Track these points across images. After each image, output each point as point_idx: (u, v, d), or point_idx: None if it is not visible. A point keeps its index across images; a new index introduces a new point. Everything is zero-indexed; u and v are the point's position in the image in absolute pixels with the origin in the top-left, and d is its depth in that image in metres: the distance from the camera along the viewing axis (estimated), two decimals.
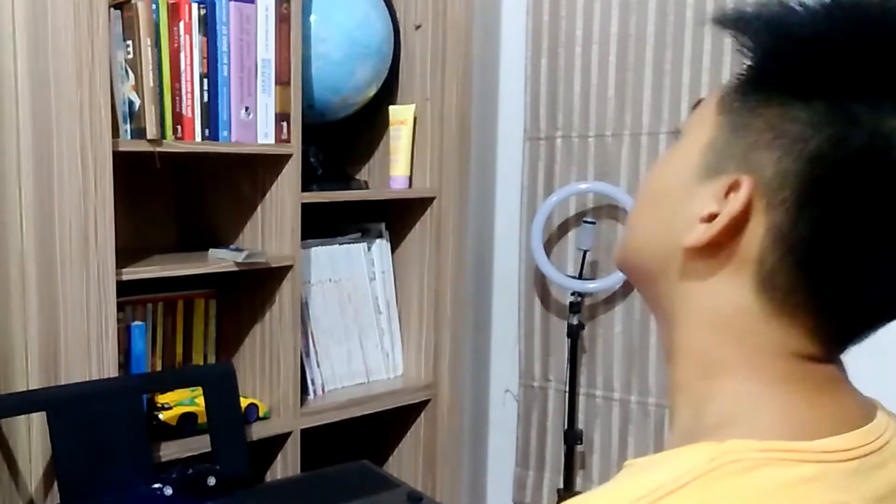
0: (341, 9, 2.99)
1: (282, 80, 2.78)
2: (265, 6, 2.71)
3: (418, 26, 3.25)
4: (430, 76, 3.25)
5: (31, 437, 2.44)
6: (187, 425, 2.69)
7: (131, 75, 2.49)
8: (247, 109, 2.72)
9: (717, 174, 1.06)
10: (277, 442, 2.90)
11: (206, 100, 2.64)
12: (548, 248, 3.86)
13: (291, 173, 2.81)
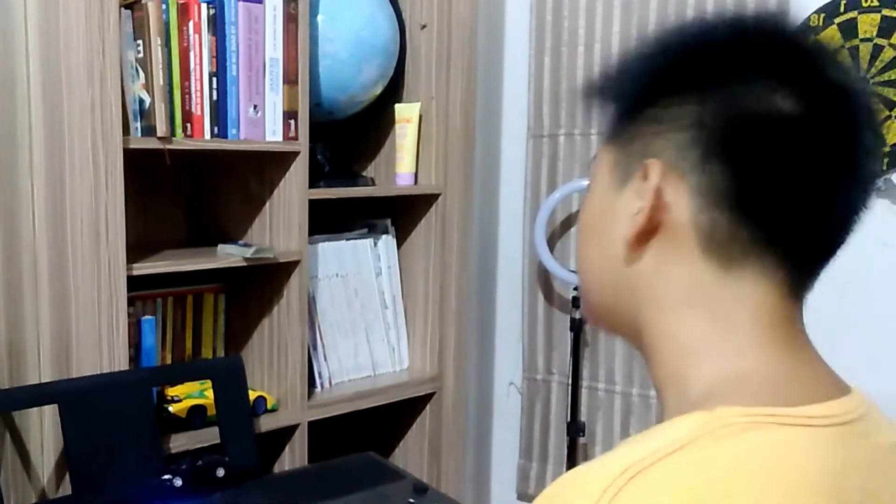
0: (348, 9, 2.99)
1: (289, 78, 2.77)
2: (273, 6, 2.71)
3: (424, 26, 3.25)
4: (435, 75, 3.25)
5: (44, 430, 2.44)
6: (196, 418, 2.69)
7: (142, 74, 2.49)
8: (255, 108, 2.72)
9: (629, 177, 1.17)
10: (285, 434, 2.90)
11: (215, 98, 2.64)
12: (551, 243, 3.85)
13: (299, 170, 2.81)
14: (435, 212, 3.29)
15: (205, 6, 2.59)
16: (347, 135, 3.39)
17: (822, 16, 3.16)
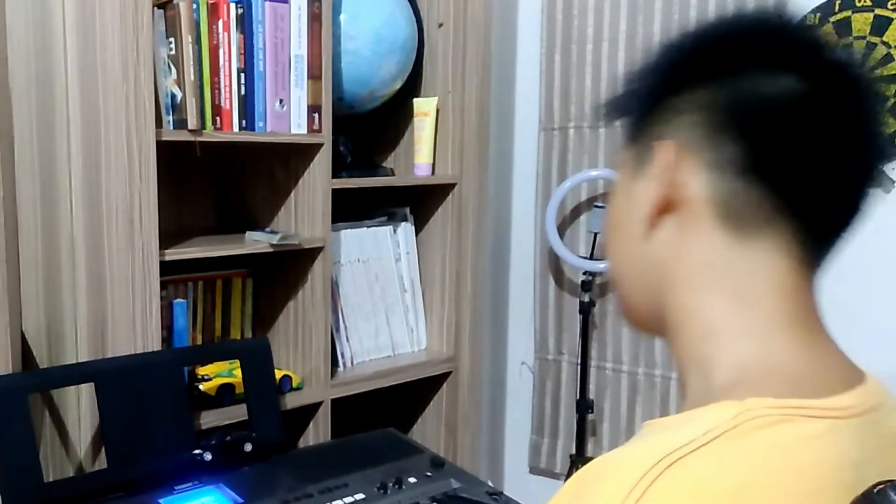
0: (369, 8, 2.98)
1: (313, 74, 2.77)
2: (298, 6, 2.71)
3: (440, 24, 3.24)
4: (451, 71, 3.25)
5: (80, 407, 2.44)
6: (225, 395, 2.69)
7: (173, 70, 2.49)
8: (281, 102, 2.72)
9: (644, 163, 1.18)
10: (309, 411, 2.90)
11: (243, 93, 2.64)
12: (561, 230, 3.84)
13: (322, 161, 2.81)
14: (451, 200, 3.29)
15: (233, 6, 2.59)
16: (368, 127, 3.38)
17: (817, 15, 3.16)
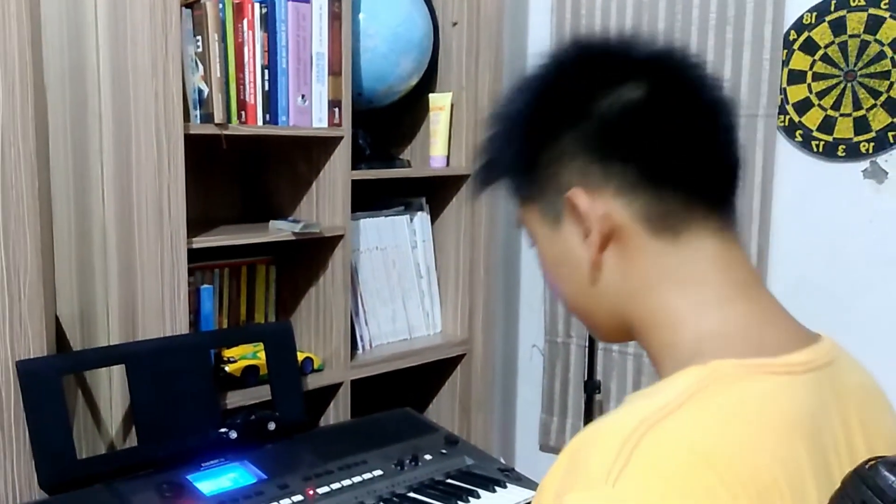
0: (387, 7, 2.98)
1: (334, 70, 2.76)
2: (319, 5, 2.71)
3: (455, 23, 3.24)
4: (465, 68, 3.25)
5: (112, 388, 2.44)
6: (250, 377, 2.69)
7: (201, 67, 2.48)
8: (303, 97, 2.72)
9: (560, 215, 1.23)
10: (330, 391, 2.90)
11: (266, 88, 2.64)
12: None
13: (342, 153, 2.80)
14: (465, 191, 3.29)
15: (258, 5, 2.59)
16: (386, 121, 3.37)
17: (814, 14, 3.17)
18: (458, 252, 3.34)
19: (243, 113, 2.60)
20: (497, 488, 2.39)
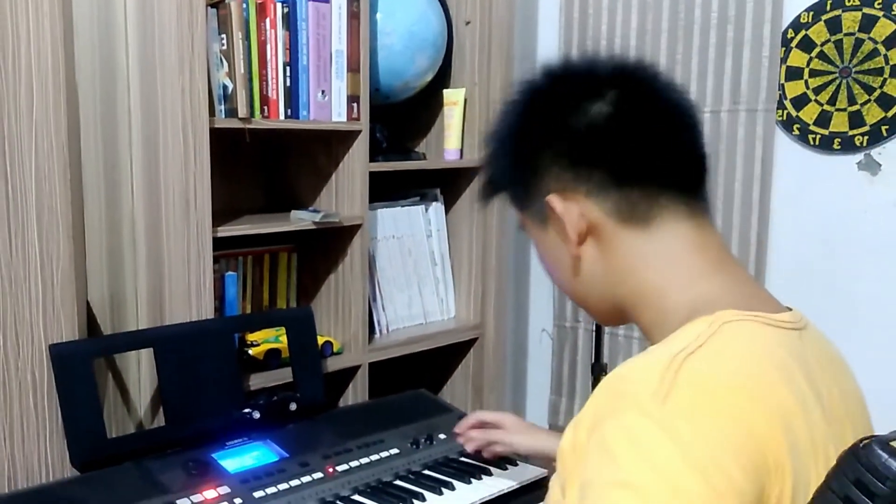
0: (403, 7, 2.97)
1: (352, 67, 2.75)
2: (338, 5, 2.70)
3: (468, 22, 3.23)
4: (477, 65, 3.24)
5: (141, 370, 2.44)
6: (272, 360, 2.68)
7: (225, 64, 2.48)
8: (323, 92, 2.71)
9: (546, 219, 1.36)
10: (349, 374, 2.89)
11: (288, 84, 2.63)
12: None
13: (360, 146, 2.79)
14: (478, 182, 3.24)
15: (279, 5, 2.58)
16: (402, 116, 3.36)
17: (811, 13, 3.17)
18: (470, 241, 3.33)
19: (266, 108, 2.59)
20: (508, 466, 2.38)
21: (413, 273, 3.22)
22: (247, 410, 2.39)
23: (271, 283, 2.94)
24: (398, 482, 2.28)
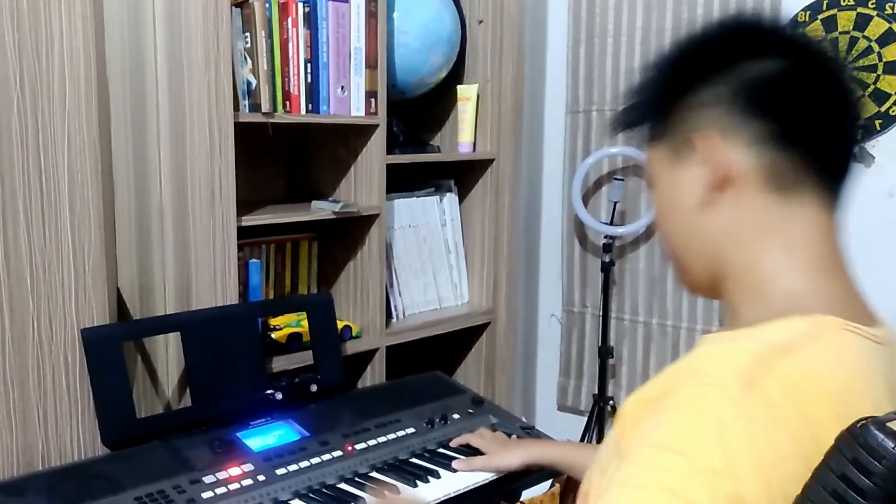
0: (418, 6, 2.96)
1: (370, 64, 2.75)
2: (357, 5, 2.69)
3: (481, 21, 3.22)
4: (490, 61, 3.23)
5: (168, 353, 2.43)
6: (294, 343, 2.68)
7: (249, 61, 2.47)
8: (342, 88, 2.70)
9: (685, 155, 1.24)
10: (367, 356, 2.89)
11: (309, 80, 2.62)
12: (585, 200, 3.82)
13: (378, 140, 2.79)
14: (490, 174, 3.27)
15: (301, 5, 2.57)
16: (418, 110, 3.36)
17: (808, 13, 3.21)
18: (483, 229, 3.32)
19: (288, 103, 2.59)
20: None
21: (428, 260, 3.21)
22: (269, 391, 2.39)
23: (293, 269, 2.94)
24: (414, 460, 2.28)
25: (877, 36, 3.07)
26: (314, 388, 2.48)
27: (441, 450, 2.34)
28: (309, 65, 2.62)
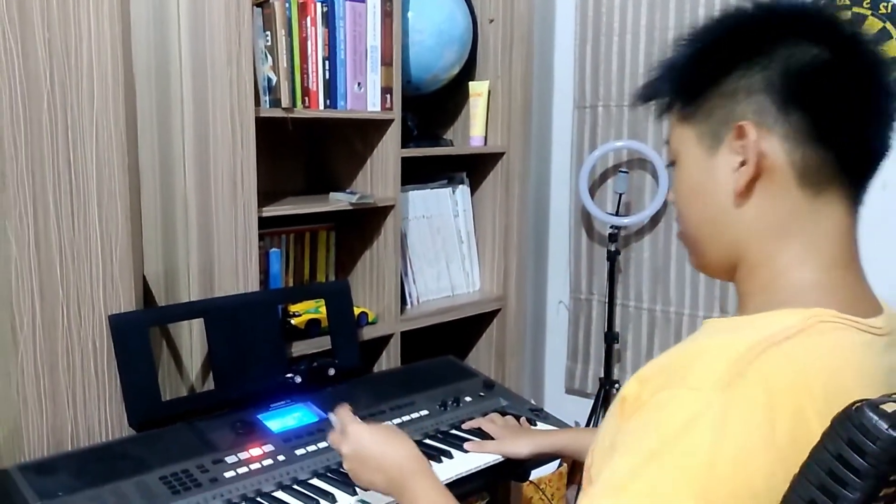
0: (432, 6, 2.95)
1: (386, 61, 2.74)
2: (373, 4, 2.68)
3: (492, 20, 3.21)
4: (500, 59, 3.22)
5: (192, 338, 2.43)
6: (313, 329, 2.67)
7: (269, 58, 2.47)
8: (359, 84, 2.69)
9: (720, 142, 1.19)
10: (382, 342, 2.88)
11: (327, 77, 2.62)
12: (592, 191, 3.82)
13: (393, 134, 2.78)
14: (500, 166, 3.26)
15: (319, 5, 2.57)
16: (431, 106, 3.35)
17: None
18: (494, 220, 3.31)
19: (307, 98, 2.58)
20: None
21: (441, 250, 3.20)
22: (289, 375, 2.38)
23: (311, 258, 2.93)
24: (427, 440, 2.27)
25: (871, 34, 3.03)
26: (332, 371, 2.47)
27: (454, 431, 2.34)
28: (327, 62, 2.62)
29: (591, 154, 3.77)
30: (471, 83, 3.26)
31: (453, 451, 2.19)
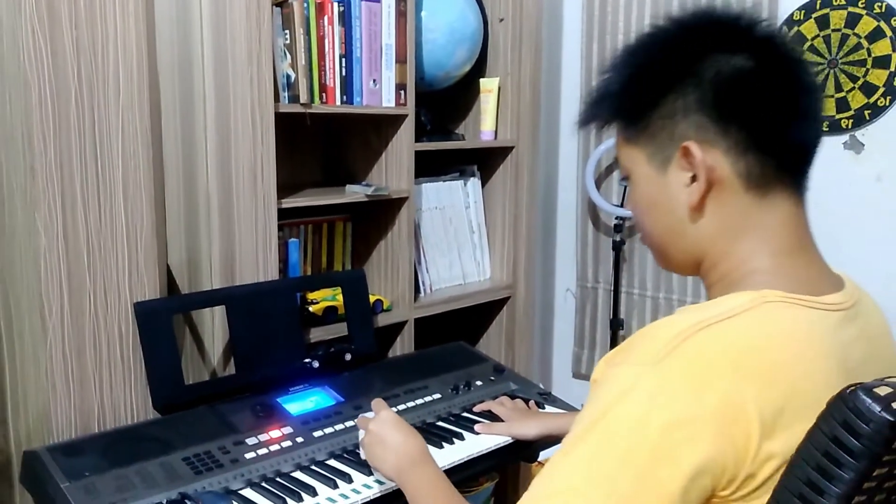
0: (445, 6, 2.94)
1: (400, 59, 2.73)
2: (388, 4, 2.68)
3: (502, 19, 3.20)
4: (510, 56, 3.21)
5: (214, 325, 2.43)
6: (330, 316, 2.66)
7: (288, 56, 2.46)
8: (374, 81, 2.68)
9: (668, 161, 1.22)
10: (397, 328, 2.87)
11: (344, 74, 2.61)
12: (598, 183, 3.81)
13: (407, 128, 2.78)
14: (510, 160, 3.26)
15: (336, 4, 2.55)
16: (444, 102, 3.34)
17: (802, 12, 3.23)
18: (504, 211, 3.30)
19: (324, 94, 2.57)
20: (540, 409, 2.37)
21: (453, 240, 3.19)
22: (307, 360, 2.38)
23: (329, 248, 2.92)
24: (440, 423, 2.28)
25: (866, 33, 3.10)
26: (348, 357, 2.48)
27: (465, 414, 2.34)
28: (343, 59, 2.60)
29: (597, 148, 3.76)
30: (481, 80, 3.25)
31: (465, 433, 2.20)
